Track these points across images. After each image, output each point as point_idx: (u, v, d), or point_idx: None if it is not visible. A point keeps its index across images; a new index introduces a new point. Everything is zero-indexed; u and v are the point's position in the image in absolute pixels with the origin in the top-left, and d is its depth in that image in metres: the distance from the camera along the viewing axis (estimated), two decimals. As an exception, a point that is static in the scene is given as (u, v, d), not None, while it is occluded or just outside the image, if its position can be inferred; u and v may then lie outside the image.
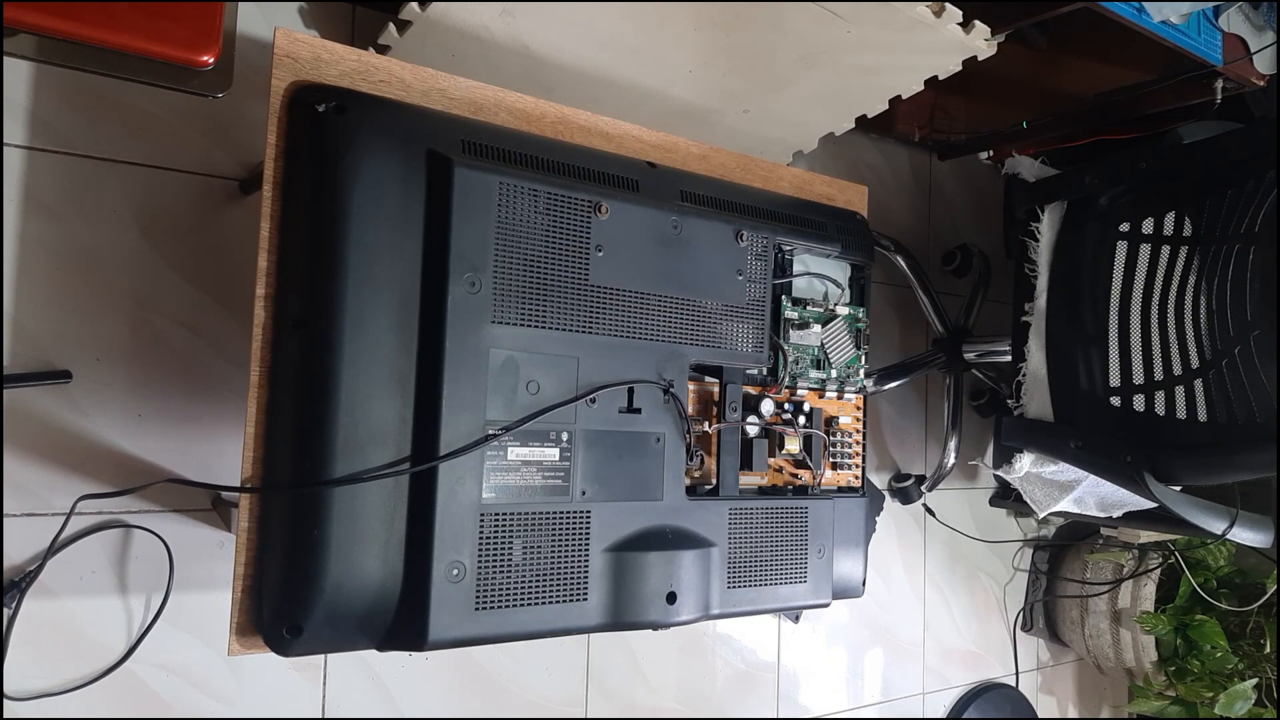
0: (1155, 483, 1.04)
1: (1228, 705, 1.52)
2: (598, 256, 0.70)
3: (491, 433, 0.64)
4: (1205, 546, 1.67)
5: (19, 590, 0.87)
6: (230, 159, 1.01)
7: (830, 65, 1.06)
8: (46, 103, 0.92)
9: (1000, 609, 1.80)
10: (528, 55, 1.00)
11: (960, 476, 1.72)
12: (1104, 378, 1.15)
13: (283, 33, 0.64)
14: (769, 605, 0.79)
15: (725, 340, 0.77)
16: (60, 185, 0.92)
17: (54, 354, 0.91)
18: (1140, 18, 1.07)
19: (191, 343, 0.98)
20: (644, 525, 0.71)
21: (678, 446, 0.74)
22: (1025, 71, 1.32)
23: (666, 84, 1.09)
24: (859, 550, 0.87)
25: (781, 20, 0.96)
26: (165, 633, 0.96)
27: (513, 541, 0.64)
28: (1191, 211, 1.11)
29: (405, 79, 0.69)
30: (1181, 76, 1.23)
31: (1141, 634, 1.66)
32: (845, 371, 0.89)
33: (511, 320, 0.65)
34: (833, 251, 0.87)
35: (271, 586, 0.59)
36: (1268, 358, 0.98)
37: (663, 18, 0.95)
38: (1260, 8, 1.19)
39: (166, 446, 0.96)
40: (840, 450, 0.89)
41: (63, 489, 0.91)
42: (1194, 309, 1.08)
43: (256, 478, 0.60)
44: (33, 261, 0.91)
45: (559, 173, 0.70)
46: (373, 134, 0.62)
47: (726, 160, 0.87)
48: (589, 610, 0.67)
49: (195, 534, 0.98)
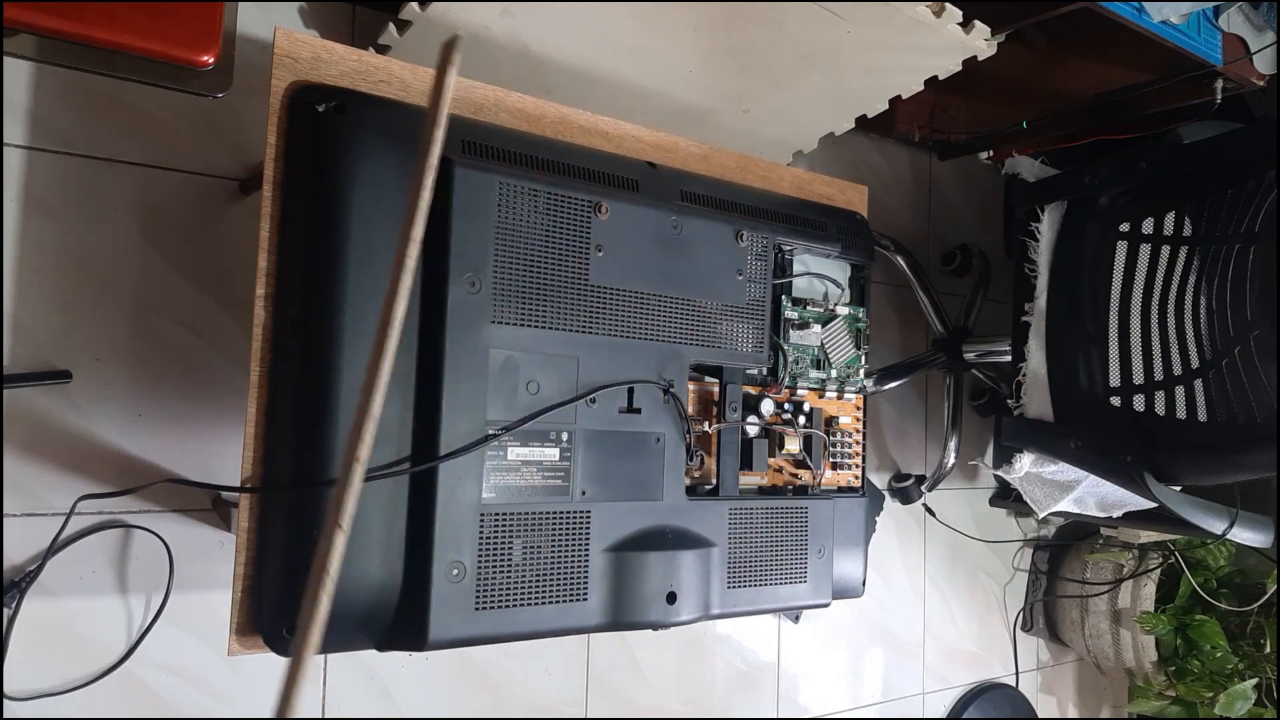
0: (1155, 483, 1.04)
1: (1228, 705, 1.52)
2: (598, 256, 0.70)
3: (491, 433, 0.64)
4: (1205, 546, 1.67)
5: (19, 590, 0.87)
6: (230, 159, 1.01)
7: (830, 65, 1.06)
8: (46, 103, 0.92)
9: (1000, 609, 1.80)
10: (528, 55, 1.00)
11: (960, 476, 1.72)
12: (1104, 378, 1.15)
13: (283, 33, 0.64)
14: (769, 605, 0.79)
15: (725, 340, 0.77)
16: (60, 185, 0.92)
17: (54, 354, 0.91)
18: (1140, 18, 1.07)
19: (191, 343, 0.98)
20: (644, 525, 0.71)
21: (678, 446, 0.74)
22: (1025, 71, 1.32)
23: (666, 84, 1.09)
24: (859, 550, 0.87)
25: (781, 20, 0.96)
26: (165, 633, 0.96)
27: (513, 541, 0.64)
28: (1191, 211, 1.11)
29: (405, 79, 0.69)
30: (1181, 76, 1.23)
31: (1141, 634, 1.66)
32: (845, 371, 0.89)
33: (511, 320, 0.65)
34: (833, 251, 0.87)
35: (271, 586, 0.59)
36: (1268, 358, 0.98)
37: (663, 18, 0.95)
38: (1260, 8, 1.19)
39: (166, 446, 0.96)
40: (840, 450, 0.89)
41: (63, 489, 0.91)
42: (1194, 309, 1.08)
43: (256, 478, 0.60)
44: (33, 261, 0.91)
45: (559, 173, 0.70)
46: (373, 134, 0.62)
47: (726, 160, 0.87)
48: (589, 610, 0.67)
49: (195, 534, 0.98)
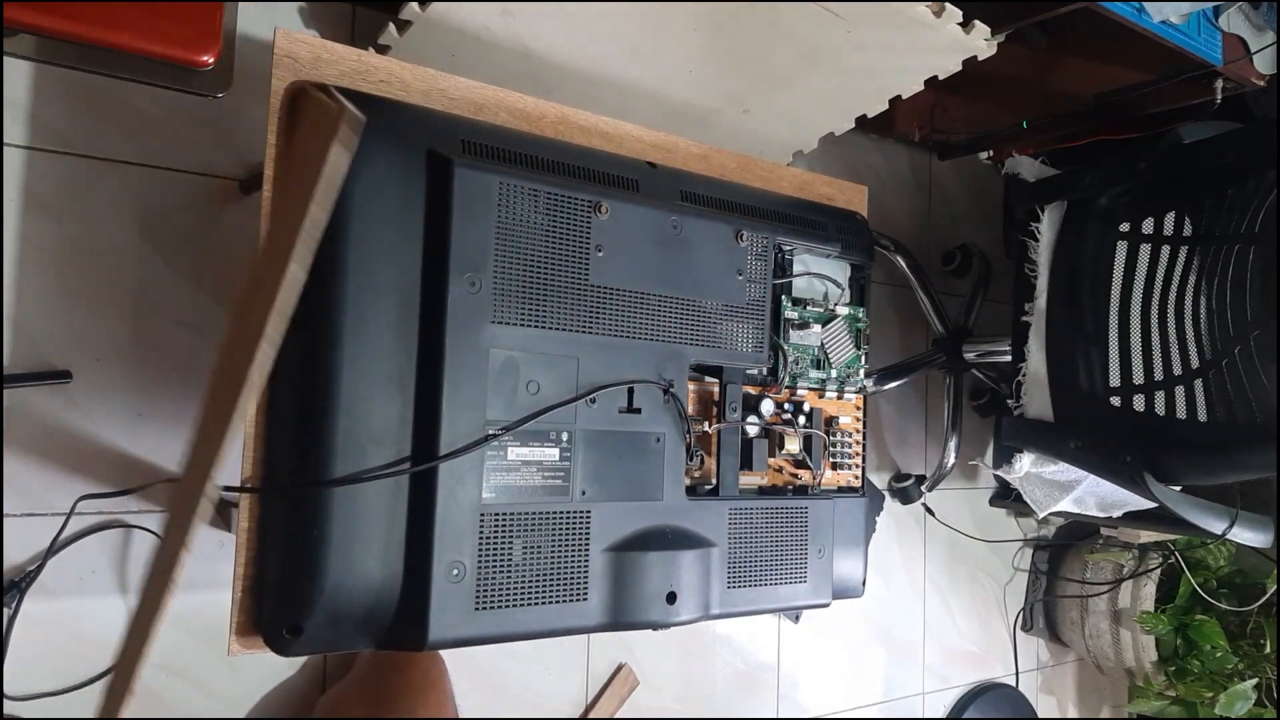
0: (1155, 483, 1.04)
1: (1228, 705, 1.52)
2: (598, 256, 0.70)
3: (491, 433, 0.64)
4: (1205, 546, 1.67)
5: (19, 590, 0.87)
6: (230, 159, 1.01)
7: (830, 65, 1.05)
8: (46, 103, 0.92)
9: (1000, 609, 1.80)
10: (528, 55, 1.00)
11: (960, 476, 1.72)
12: (1104, 378, 1.15)
13: (283, 33, 0.64)
14: (769, 605, 0.79)
15: (725, 340, 0.77)
16: (60, 185, 0.92)
17: (54, 354, 0.91)
18: (1140, 18, 1.07)
19: (191, 343, 0.98)
20: (644, 525, 0.71)
21: (678, 446, 0.74)
22: (1025, 71, 1.32)
23: (666, 84, 1.09)
24: (859, 550, 0.87)
25: (781, 20, 0.96)
26: (165, 633, 0.95)
27: (513, 541, 0.64)
28: (1191, 211, 1.11)
29: (405, 79, 0.69)
30: (1181, 76, 1.23)
31: (1141, 634, 1.66)
32: (845, 371, 0.89)
33: (511, 320, 0.65)
34: (833, 251, 0.87)
35: (271, 586, 0.59)
36: (1268, 358, 0.98)
37: (663, 18, 0.95)
38: (1260, 8, 1.19)
39: (166, 446, 0.96)
40: (840, 450, 0.89)
41: (63, 489, 0.91)
42: (1194, 309, 1.08)
43: (256, 478, 0.60)
44: (33, 261, 0.90)
45: (559, 173, 0.70)
46: (372, 134, 0.62)
47: (726, 160, 0.87)
48: (589, 610, 0.67)
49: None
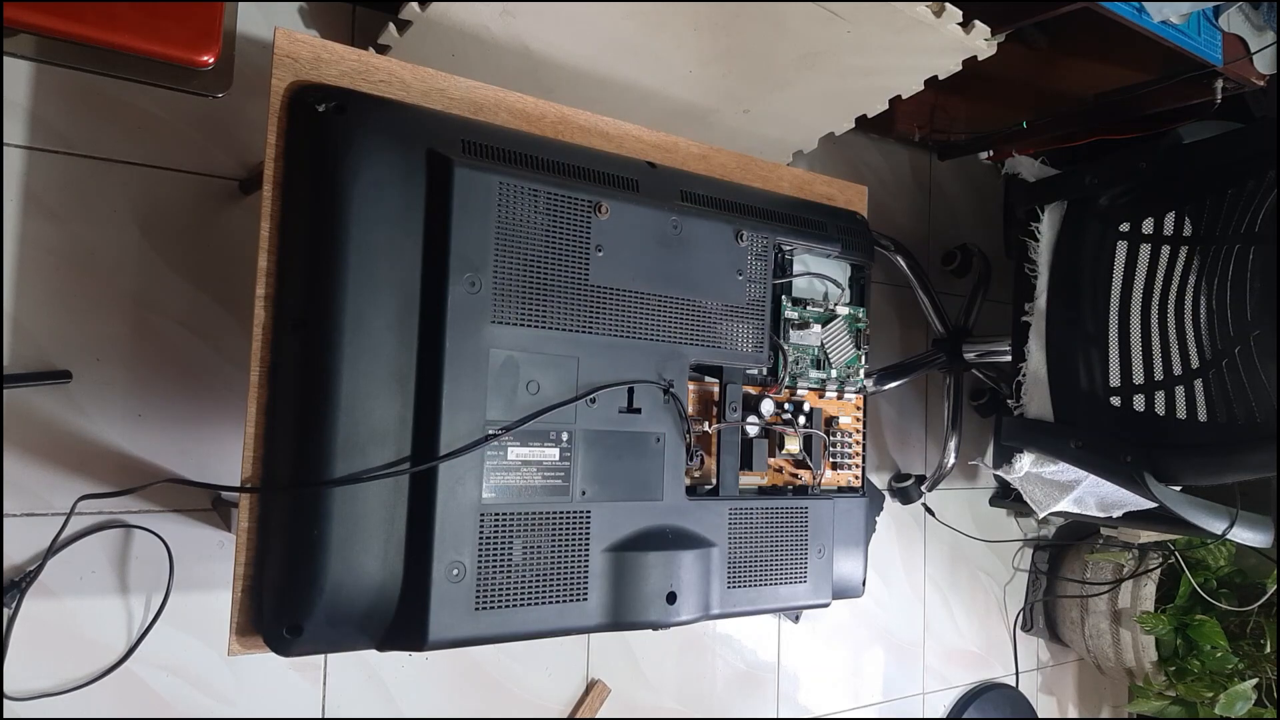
0: (1155, 483, 1.04)
1: (1228, 705, 1.52)
2: (598, 256, 0.70)
3: (491, 433, 0.64)
4: (1205, 546, 1.67)
5: (19, 590, 0.87)
6: (230, 159, 1.01)
7: (830, 65, 1.06)
8: (46, 103, 0.92)
9: (1000, 609, 1.80)
10: (528, 55, 1.00)
11: (960, 476, 1.72)
12: (1104, 378, 1.15)
13: (283, 33, 0.64)
14: (769, 605, 0.79)
15: (725, 340, 0.77)
16: (60, 185, 0.92)
17: (54, 354, 0.91)
18: (1140, 18, 1.07)
19: (191, 343, 0.98)
20: (644, 525, 0.71)
21: (678, 446, 0.74)
22: (1025, 71, 1.32)
23: (666, 84, 1.09)
24: (859, 550, 0.87)
25: (781, 20, 0.96)
26: (165, 633, 0.96)
27: (513, 541, 0.64)
28: (1191, 211, 1.11)
29: (405, 79, 0.69)
30: (1181, 76, 1.23)
31: (1141, 634, 1.66)
32: (845, 371, 0.89)
33: (511, 320, 0.65)
34: (833, 251, 0.87)
35: (271, 586, 0.59)
36: (1268, 358, 0.98)
37: (663, 18, 0.95)
38: (1260, 8, 1.19)
39: (166, 446, 0.96)
40: (840, 450, 0.89)
41: (63, 489, 0.91)
42: (1194, 309, 1.08)
43: (256, 478, 0.60)
44: (33, 261, 0.91)
45: (559, 173, 0.70)
46: (373, 134, 0.62)
47: (726, 160, 0.87)
48: (589, 610, 0.67)
49: (195, 534, 0.98)
